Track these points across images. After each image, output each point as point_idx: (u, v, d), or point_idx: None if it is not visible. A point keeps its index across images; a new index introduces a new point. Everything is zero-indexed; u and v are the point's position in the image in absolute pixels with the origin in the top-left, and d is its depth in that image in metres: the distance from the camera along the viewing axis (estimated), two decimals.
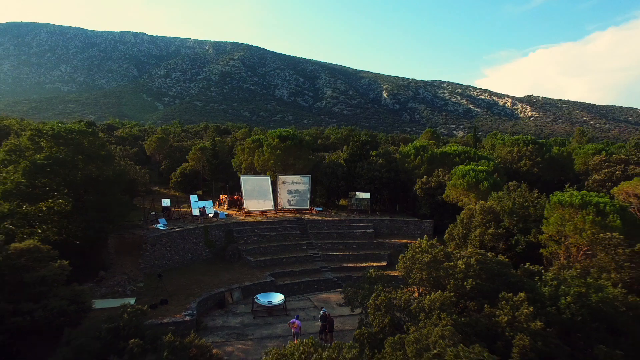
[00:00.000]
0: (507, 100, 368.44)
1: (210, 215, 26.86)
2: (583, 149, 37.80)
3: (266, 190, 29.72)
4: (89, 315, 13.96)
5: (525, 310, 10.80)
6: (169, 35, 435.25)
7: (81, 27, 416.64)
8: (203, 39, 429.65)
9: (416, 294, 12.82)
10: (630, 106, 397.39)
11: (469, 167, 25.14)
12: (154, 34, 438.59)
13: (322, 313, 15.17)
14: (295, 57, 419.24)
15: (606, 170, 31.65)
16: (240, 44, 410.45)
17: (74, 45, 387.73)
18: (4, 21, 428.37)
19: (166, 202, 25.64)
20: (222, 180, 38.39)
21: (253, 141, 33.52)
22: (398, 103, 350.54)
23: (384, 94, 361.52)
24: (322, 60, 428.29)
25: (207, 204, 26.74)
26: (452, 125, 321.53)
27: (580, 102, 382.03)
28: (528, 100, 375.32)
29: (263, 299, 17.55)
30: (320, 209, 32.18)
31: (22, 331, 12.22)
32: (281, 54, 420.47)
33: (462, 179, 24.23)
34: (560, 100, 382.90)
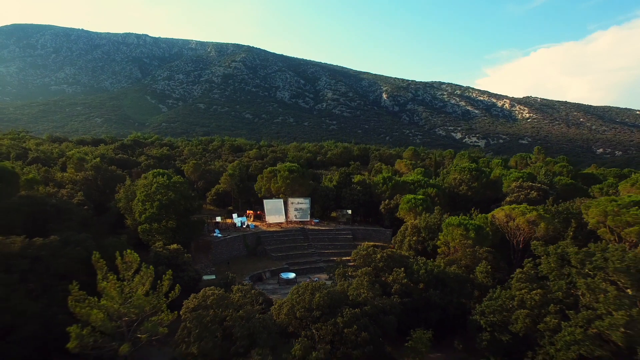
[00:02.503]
0: (505, 101, 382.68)
1: (244, 226, 41.95)
2: (510, 175, 52.66)
3: (280, 209, 44.83)
4: (201, 281, 29.03)
5: (402, 275, 25.89)
6: (171, 37, 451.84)
7: (84, 28, 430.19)
8: (205, 40, 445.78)
9: (359, 271, 27.78)
10: (628, 107, 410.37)
11: (411, 196, 40.08)
12: (157, 36, 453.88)
13: (315, 280, 30.12)
14: (297, 59, 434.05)
15: (516, 194, 46.50)
16: (242, 46, 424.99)
17: (78, 47, 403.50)
18: (9, 23, 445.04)
19: (218, 218, 40.84)
20: (245, 198, 53.44)
21: (270, 172, 48.53)
22: (397, 105, 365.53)
23: (384, 95, 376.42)
24: (323, 62, 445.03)
25: (243, 219, 41.89)
26: (450, 127, 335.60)
27: (578, 103, 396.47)
28: (526, 101, 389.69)
29: (284, 275, 32.66)
30: (317, 220, 47.28)
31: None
32: (282, 55, 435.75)
33: (407, 204, 39.16)
34: (559, 101, 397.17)
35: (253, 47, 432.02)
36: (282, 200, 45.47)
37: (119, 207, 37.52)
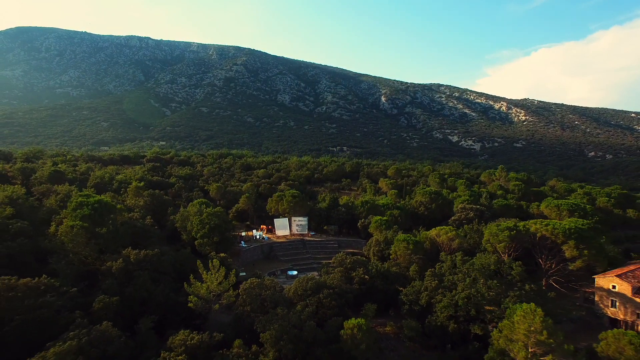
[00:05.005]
0: (502, 104, 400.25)
1: (260, 238, 60.67)
2: (460, 197, 71.17)
3: (286, 225, 63.50)
4: (238, 276, 47.65)
5: (361, 272, 44.78)
6: (172, 39, 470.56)
7: (87, 31, 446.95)
8: (206, 43, 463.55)
9: (335, 269, 46.45)
10: (627, 109, 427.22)
11: (378, 217, 58.59)
12: (158, 38, 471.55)
13: (310, 275, 48.75)
14: (297, 61, 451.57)
15: (459, 214, 65.02)
16: (243, 49, 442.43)
17: (82, 50, 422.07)
18: (13, 26, 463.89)
19: (243, 232, 59.50)
20: (259, 214, 72.08)
21: (278, 196, 67.08)
22: (396, 108, 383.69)
23: (383, 98, 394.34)
24: (323, 64, 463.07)
25: (260, 233, 60.59)
26: (447, 130, 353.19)
27: (574, 105, 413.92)
28: (523, 104, 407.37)
29: (290, 272, 51.39)
30: (313, 233, 65.92)
31: None
32: (283, 57, 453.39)
33: (375, 223, 57.70)
34: (555, 103, 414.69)
35: (254, 49, 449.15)
36: (287, 218, 64.16)
37: (175, 226, 56.23)
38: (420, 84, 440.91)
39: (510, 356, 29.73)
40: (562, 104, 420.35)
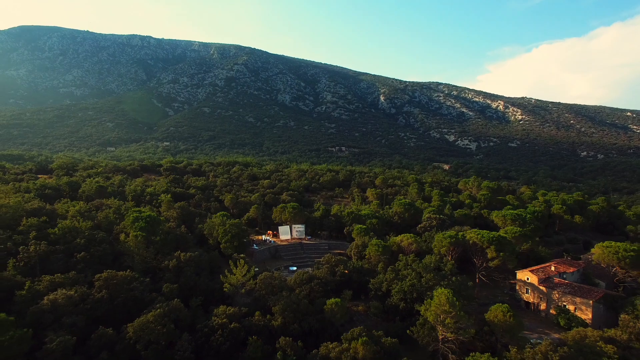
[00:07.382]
0: (499, 103, 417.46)
1: (268, 241, 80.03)
2: (428, 208, 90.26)
3: (287, 231, 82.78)
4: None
5: (341, 267, 64.37)
6: (174, 38, 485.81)
7: (90, 30, 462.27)
8: (207, 42, 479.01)
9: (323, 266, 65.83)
10: (624, 106, 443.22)
11: (359, 226, 77.63)
12: (160, 37, 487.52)
13: (305, 270, 67.97)
14: (297, 60, 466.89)
15: (425, 222, 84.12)
16: (244, 48, 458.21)
17: (84, 49, 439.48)
18: (16, 25, 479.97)
19: (255, 237, 78.77)
20: (265, 221, 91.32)
21: (281, 207, 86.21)
22: (394, 107, 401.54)
23: (381, 97, 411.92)
24: (323, 62, 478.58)
25: (268, 238, 79.91)
26: (444, 130, 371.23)
27: (571, 104, 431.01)
28: (520, 102, 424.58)
29: (291, 268, 70.82)
30: (309, 237, 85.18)
31: None
32: (283, 56, 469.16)
33: (356, 231, 76.83)
34: (552, 102, 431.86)
35: (254, 48, 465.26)
36: (288, 225, 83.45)
37: (203, 233, 75.55)
38: (419, 83, 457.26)
39: (429, 320, 49.01)
40: (559, 102, 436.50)
